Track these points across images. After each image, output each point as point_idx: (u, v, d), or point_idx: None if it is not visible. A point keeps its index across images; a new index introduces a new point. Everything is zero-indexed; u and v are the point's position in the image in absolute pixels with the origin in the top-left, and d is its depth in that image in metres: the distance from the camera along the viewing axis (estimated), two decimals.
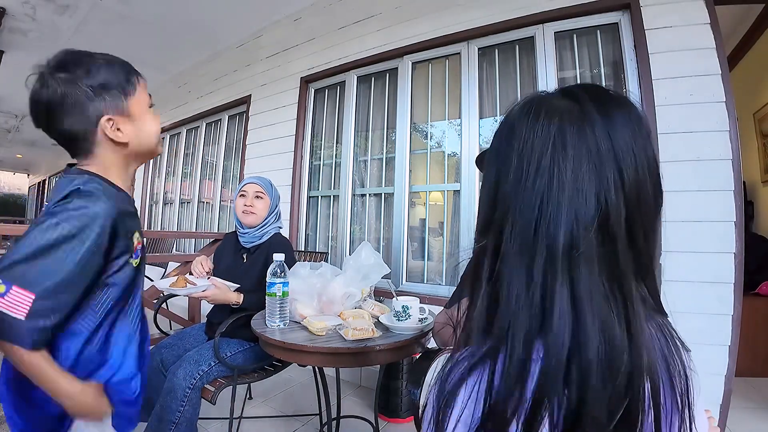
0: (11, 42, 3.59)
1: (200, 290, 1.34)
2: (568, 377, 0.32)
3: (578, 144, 0.37)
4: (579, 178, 0.36)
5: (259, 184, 1.60)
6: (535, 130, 0.38)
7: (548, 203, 0.36)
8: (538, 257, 0.35)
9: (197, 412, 1.30)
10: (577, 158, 0.36)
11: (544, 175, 0.36)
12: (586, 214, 0.35)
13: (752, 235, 2.77)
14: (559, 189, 0.36)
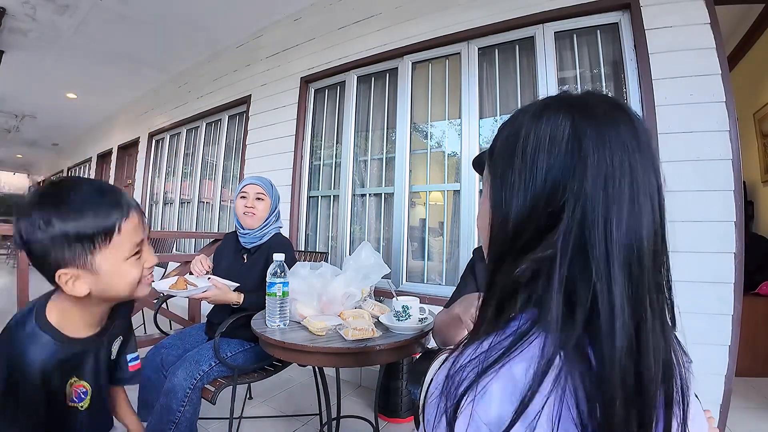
0: (11, 42, 3.59)
1: (200, 291, 1.33)
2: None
3: (645, 153, 0.39)
4: (645, 188, 0.38)
5: (260, 186, 1.59)
6: (608, 137, 0.38)
7: (622, 210, 0.36)
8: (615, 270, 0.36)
9: (197, 412, 1.30)
10: (644, 168, 0.38)
11: (622, 181, 0.37)
12: (651, 222, 0.38)
13: (752, 235, 2.77)
14: (632, 197, 0.37)
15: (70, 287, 0.64)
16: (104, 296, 0.69)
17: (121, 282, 0.68)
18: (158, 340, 1.64)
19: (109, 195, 0.67)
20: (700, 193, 1.60)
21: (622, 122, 0.39)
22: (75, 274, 0.64)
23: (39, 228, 0.61)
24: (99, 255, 0.64)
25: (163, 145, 4.63)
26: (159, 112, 4.64)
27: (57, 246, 0.61)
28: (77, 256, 0.63)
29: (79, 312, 0.70)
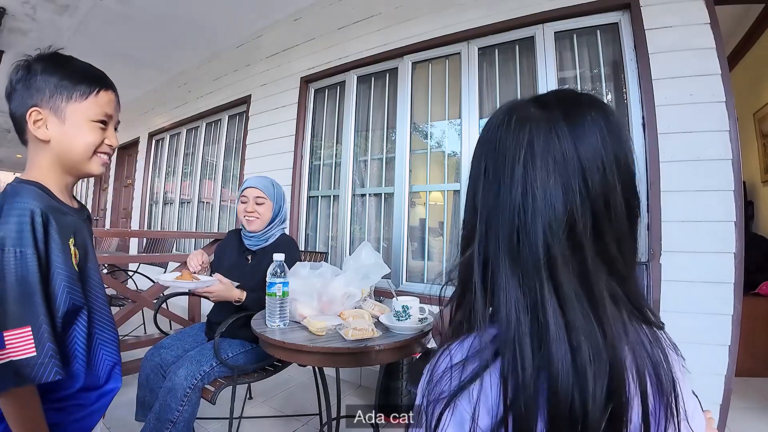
0: (11, 42, 3.59)
1: (205, 285, 1.34)
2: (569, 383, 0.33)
3: (545, 153, 0.38)
4: (547, 188, 0.37)
5: (259, 188, 1.54)
6: (509, 140, 0.39)
7: (524, 214, 0.37)
8: (524, 266, 0.37)
9: (195, 412, 1.30)
10: (544, 168, 0.37)
11: (517, 186, 0.38)
12: (556, 223, 0.36)
13: (752, 235, 2.77)
14: (532, 199, 0.37)
15: (36, 127, 0.70)
16: (63, 155, 0.73)
17: (80, 140, 0.73)
18: (158, 340, 1.63)
19: (100, 71, 0.77)
20: (700, 193, 1.60)
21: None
22: (45, 116, 0.71)
23: (34, 70, 0.71)
24: (71, 106, 0.72)
25: (163, 145, 4.63)
26: (159, 112, 4.64)
27: (41, 88, 0.70)
28: (53, 99, 0.71)
29: (48, 173, 0.74)
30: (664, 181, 1.66)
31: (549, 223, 0.37)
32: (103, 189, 5.97)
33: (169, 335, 1.60)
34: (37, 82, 0.70)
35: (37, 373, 0.60)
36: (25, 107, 0.70)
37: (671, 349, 0.41)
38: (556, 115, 0.39)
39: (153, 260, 3.18)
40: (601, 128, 0.39)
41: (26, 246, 0.62)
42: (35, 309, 0.62)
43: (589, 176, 0.37)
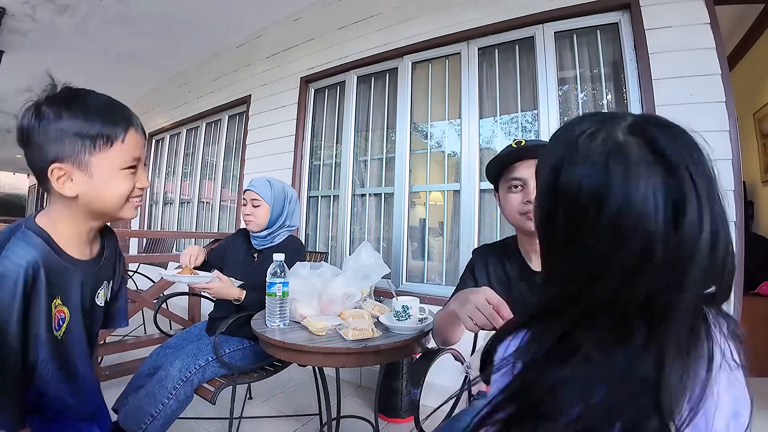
0: (11, 42, 3.58)
1: (204, 281, 1.34)
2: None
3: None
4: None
5: (255, 191, 1.54)
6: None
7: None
8: None
9: (179, 411, 1.25)
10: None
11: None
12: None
13: (752, 235, 2.77)
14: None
15: (60, 184, 0.64)
16: (92, 206, 0.68)
17: (111, 191, 0.68)
18: (158, 341, 1.64)
19: (120, 106, 0.69)
20: None
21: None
22: (68, 171, 0.64)
23: (46, 118, 0.62)
24: (97, 157, 0.65)
25: (163, 145, 4.63)
26: (159, 112, 4.64)
27: (59, 139, 0.62)
28: (76, 152, 0.63)
29: (67, 224, 0.69)
30: None
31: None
32: None
33: (174, 335, 1.60)
34: (52, 132, 0.62)
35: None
36: (44, 161, 0.63)
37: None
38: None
39: (153, 260, 3.17)
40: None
41: (8, 317, 0.58)
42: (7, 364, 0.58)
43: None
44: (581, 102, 2.00)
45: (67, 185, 0.64)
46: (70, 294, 0.70)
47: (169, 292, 1.88)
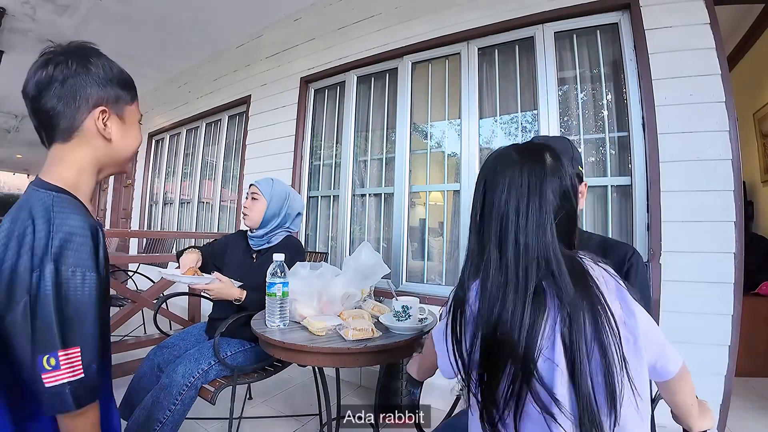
0: (11, 42, 3.58)
1: (204, 282, 1.34)
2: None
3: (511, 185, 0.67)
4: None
5: (256, 185, 1.55)
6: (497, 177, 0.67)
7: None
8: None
9: (186, 413, 1.27)
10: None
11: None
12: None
13: (752, 235, 2.77)
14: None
15: (103, 126, 0.69)
16: (115, 155, 0.74)
17: (133, 141, 0.76)
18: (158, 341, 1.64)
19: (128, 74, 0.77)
20: (700, 193, 1.60)
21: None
22: (110, 116, 0.70)
23: (91, 64, 0.68)
24: (130, 107, 0.75)
25: (163, 145, 4.63)
26: (159, 112, 4.64)
27: (102, 83, 0.69)
28: (117, 99, 0.71)
29: (86, 179, 0.71)
30: (664, 181, 1.66)
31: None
32: (102, 189, 5.97)
33: (171, 335, 1.60)
34: (99, 81, 0.68)
35: (90, 394, 0.60)
36: (87, 103, 0.67)
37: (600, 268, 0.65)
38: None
39: (153, 260, 3.17)
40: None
41: (89, 268, 0.62)
42: (87, 330, 0.61)
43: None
44: (581, 102, 2.00)
45: (108, 128, 0.70)
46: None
47: (168, 293, 1.88)
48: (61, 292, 0.59)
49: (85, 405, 0.60)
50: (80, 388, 0.59)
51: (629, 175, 1.79)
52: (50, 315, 0.58)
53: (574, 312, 0.56)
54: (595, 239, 0.96)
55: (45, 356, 0.57)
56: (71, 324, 0.59)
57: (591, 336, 0.55)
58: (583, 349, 0.54)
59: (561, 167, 0.66)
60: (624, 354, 0.55)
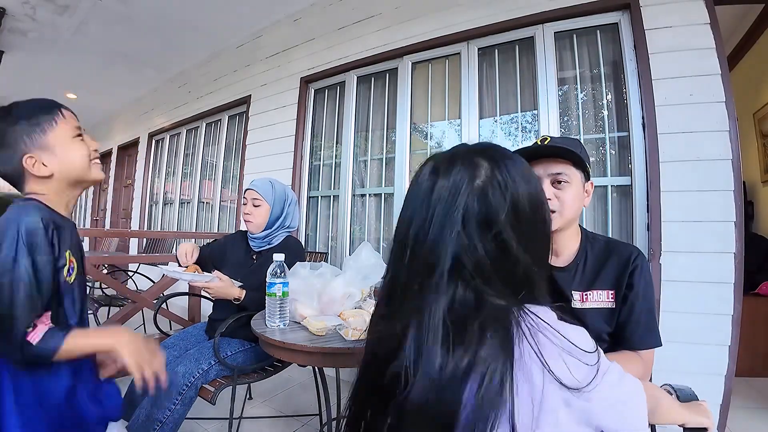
0: (11, 42, 3.59)
1: (204, 280, 1.34)
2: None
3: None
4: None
5: (257, 191, 1.53)
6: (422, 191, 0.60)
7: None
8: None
9: (186, 413, 1.27)
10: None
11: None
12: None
13: (752, 235, 2.77)
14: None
15: (37, 169, 0.78)
16: (68, 176, 0.82)
17: (75, 157, 0.82)
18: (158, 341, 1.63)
19: (42, 99, 0.84)
20: (700, 193, 1.60)
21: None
22: (37, 156, 0.78)
23: (18, 113, 0.78)
24: (50, 134, 0.80)
25: (163, 145, 4.63)
26: (159, 112, 4.64)
27: (18, 139, 0.77)
28: (35, 139, 0.78)
29: (55, 196, 0.82)
30: (664, 181, 1.66)
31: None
32: (102, 189, 5.97)
33: (172, 335, 1.60)
34: (10, 136, 0.77)
35: (53, 341, 0.72)
36: (15, 161, 0.77)
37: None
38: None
39: (153, 260, 3.17)
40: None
41: (42, 253, 0.73)
42: (47, 300, 0.74)
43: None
44: (581, 102, 2.00)
45: (41, 167, 0.79)
46: (75, 250, 0.84)
47: (169, 293, 1.88)
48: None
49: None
50: (47, 337, 0.72)
51: (629, 175, 1.79)
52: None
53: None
54: (600, 241, 0.95)
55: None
56: (11, 298, 0.71)
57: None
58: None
59: (500, 176, 0.51)
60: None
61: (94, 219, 6.26)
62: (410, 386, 0.44)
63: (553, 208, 0.88)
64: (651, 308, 0.88)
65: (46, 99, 0.84)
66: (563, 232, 0.92)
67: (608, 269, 0.90)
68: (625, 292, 0.87)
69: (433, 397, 0.43)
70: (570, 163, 0.89)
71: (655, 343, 0.87)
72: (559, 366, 0.42)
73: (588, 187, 0.94)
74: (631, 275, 0.88)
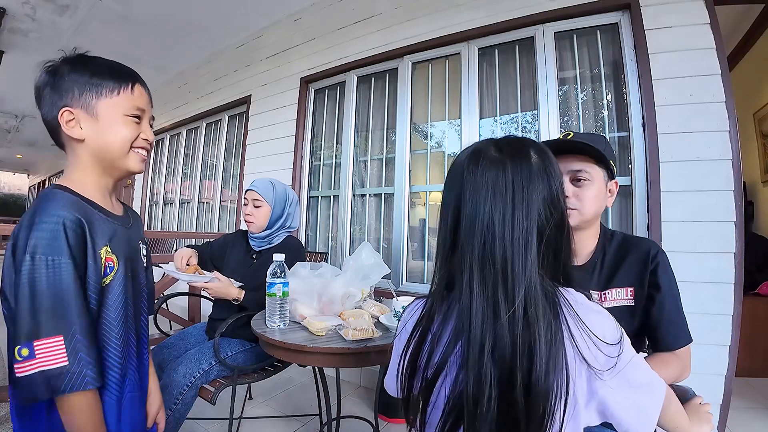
0: (11, 42, 3.59)
1: (204, 280, 1.35)
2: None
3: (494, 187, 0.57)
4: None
5: (257, 192, 1.53)
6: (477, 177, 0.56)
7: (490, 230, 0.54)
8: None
9: (186, 413, 1.27)
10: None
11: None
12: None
13: (752, 235, 2.77)
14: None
15: (69, 127, 0.69)
16: (99, 153, 0.72)
17: (115, 136, 0.72)
18: (158, 341, 1.63)
19: (127, 67, 0.76)
20: (700, 193, 1.60)
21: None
22: (77, 115, 0.70)
23: (60, 73, 0.70)
24: (103, 101, 0.71)
25: (163, 145, 4.64)
26: (159, 112, 4.64)
27: (70, 88, 0.69)
28: (83, 96, 0.70)
29: (87, 177, 0.73)
30: (664, 181, 1.66)
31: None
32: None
33: (170, 335, 1.60)
34: (66, 83, 0.69)
35: (70, 383, 0.59)
36: (57, 109, 0.69)
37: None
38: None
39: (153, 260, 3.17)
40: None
41: (59, 254, 0.61)
42: (69, 318, 0.60)
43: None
44: (581, 102, 2.00)
45: (75, 129, 0.70)
46: (119, 245, 0.73)
47: (169, 293, 1.88)
48: (35, 282, 0.59)
49: (67, 392, 0.59)
50: (60, 376, 0.58)
51: (629, 175, 1.79)
52: (25, 305, 0.58)
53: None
54: (617, 237, 0.93)
55: (17, 347, 0.58)
56: (49, 313, 0.59)
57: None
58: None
59: (550, 166, 0.55)
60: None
61: None
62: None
63: (573, 206, 0.86)
64: (679, 305, 0.86)
65: (128, 67, 0.77)
66: (583, 231, 0.90)
67: (627, 266, 0.88)
68: (651, 292, 0.86)
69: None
70: (592, 160, 0.86)
71: (687, 340, 0.85)
72: (582, 343, 0.48)
73: (612, 186, 0.91)
74: (654, 273, 0.86)
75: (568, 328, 0.48)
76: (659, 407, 0.51)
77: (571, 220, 0.86)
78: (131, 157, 0.75)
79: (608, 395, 0.47)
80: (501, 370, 0.48)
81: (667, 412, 0.61)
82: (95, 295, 0.67)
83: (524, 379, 0.47)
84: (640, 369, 0.51)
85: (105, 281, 0.69)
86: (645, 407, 0.50)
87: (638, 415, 0.49)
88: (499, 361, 0.48)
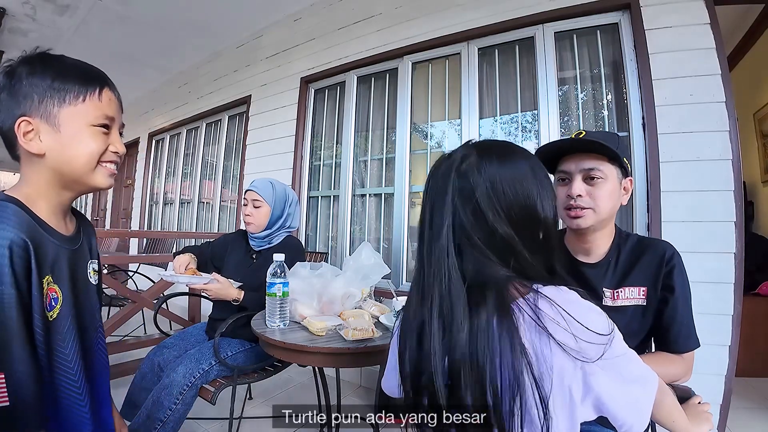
0: (11, 42, 3.59)
1: (202, 282, 1.35)
2: None
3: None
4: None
5: (257, 192, 1.53)
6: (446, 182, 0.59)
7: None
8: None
9: (187, 412, 1.27)
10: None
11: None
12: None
13: (752, 235, 2.77)
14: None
15: (27, 140, 0.60)
16: (61, 168, 0.63)
17: (79, 149, 0.63)
18: (158, 341, 1.64)
19: (96, 69, 0.67)
20: (700, 193, 1.60)
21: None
22: (36, 126, 0.60)
23: (17, 76, 0.61)
24: (66, 110, 0.62)
25: (163, 145, 4.64)
26: (159, 112, 4.64)
27: (29, 94, 0.60)
28: (43, 104, 0.60)
29: (43, 194, 0.64)
30: (664, 181, 1.66)
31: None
32: None
33: (171, 335, 1.60)
34: (24, 87, 0.60)
35: (14, 426, 0.52)
36: (13, 118, 0.60)
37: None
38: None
39: (153, 260, 3.18)
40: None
41: (1, 283, 0.52)
42: (11, 354, 0.52)
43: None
44: (581, 102, 2.00)
45: (34, 142, 0.60)
46: (62, 272, 0.64)
47: (169, 293, 1.88)
48: None
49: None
50: (5, 418, 0.51)
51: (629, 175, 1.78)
52: None
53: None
54: (633, 238, 0.93)
55: None
56: None
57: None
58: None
59: (481, 161, 0.55)
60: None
61: (95, 219, 6.26)
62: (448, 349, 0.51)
63: (586, 205, 0.85)
64: (691, 311, 0.86)
65: (96, 68, 0.67)
66: (597, 231, 0.90)
67: (641, 266, 0.88)
68: (665, 294, 0.85)
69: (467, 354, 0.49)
70: (605, 158, 0.86)
71: (695, 345, 0.86)
72: (566, 337, 0.47)
73: (626, 184, 0.91)
74: (669, 276, 0.85)
75: (538, 324, 0.49)
76: (652, 399, 0.52)
77: (587, 220, 0.86)
78: (98, 173, 0.66)
79: (603, 390, 0.48)
80: (450, 370, 0.51)
81: (662, 406, 0.61)
82: (42, 332, 0.58)
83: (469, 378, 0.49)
84: (633, 363, 0.52)
85: (51, 315, 0.61)
86: (638, 400, 0.51)
87: (632, 408, 0.50)
88: (428, 356, 0.53)
